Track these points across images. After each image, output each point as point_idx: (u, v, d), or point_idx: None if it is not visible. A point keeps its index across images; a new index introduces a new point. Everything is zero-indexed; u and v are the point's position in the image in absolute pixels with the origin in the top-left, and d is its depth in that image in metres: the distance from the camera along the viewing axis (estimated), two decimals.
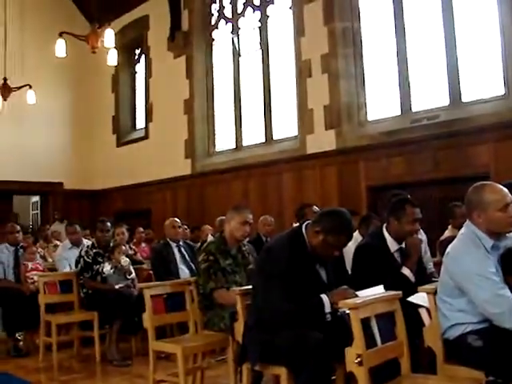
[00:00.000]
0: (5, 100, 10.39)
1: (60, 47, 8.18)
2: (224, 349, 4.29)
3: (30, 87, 10.49)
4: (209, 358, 4.76)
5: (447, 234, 6.10)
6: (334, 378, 3.33)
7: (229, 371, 4.19)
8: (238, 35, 11.15)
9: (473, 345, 2.99)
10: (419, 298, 3.34)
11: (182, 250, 6.88)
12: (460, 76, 7.95)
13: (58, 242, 9.30)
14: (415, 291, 3.37)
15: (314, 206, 6.29)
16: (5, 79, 10.30)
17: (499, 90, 7.54)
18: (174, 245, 6.83)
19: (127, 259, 6.22)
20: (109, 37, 7.84)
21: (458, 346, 3.07)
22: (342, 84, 8.93)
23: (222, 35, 11.53)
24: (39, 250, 7.84)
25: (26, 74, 11.16)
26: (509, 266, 3.07)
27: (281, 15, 10.33)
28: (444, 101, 8.07)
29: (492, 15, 7.67)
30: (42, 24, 12.59)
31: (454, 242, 3.24)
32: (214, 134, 11.54)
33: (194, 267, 6.41)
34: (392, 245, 4.05)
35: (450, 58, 8.00)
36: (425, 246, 4.70)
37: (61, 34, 8.16)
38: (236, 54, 11.13)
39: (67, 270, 6.51)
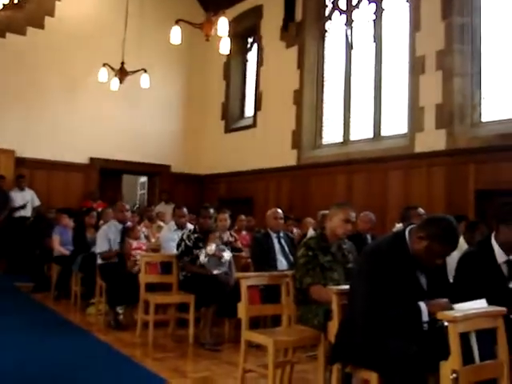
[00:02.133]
0: (121, 83, 10.81)
1: (175, 34, 8.37)
2: (315, 345, 4.26)
3: (145, 71, 10.84)
4: (299, 353, 4.76)
5: None
6: None
7: (318, 368, 4.18)
8: (351, 27, 10.99)
9: None
10: None
11: (282, 241, 6.90)
12: None
13: (161, 223, 9.57)
14: None
15: (420, 209, 6.12)
16: (122, 63, 10.70)
17: None
18: (274, 235, 6.86)
19: (213, 247, 6.24)
20: (223, 25, 7.93)
21: None
22: (457, 82, 8.61)
23: (335, 27, 11.41)
24: (143, 229, 8.09)
25: (142, 58, 11.52)
26: None
27: (397, 8, 10.08)
28: None
29: None
30: (160, 11, 12.96)
31: None
32: (321, 127, 11.48)
33: (292, 259, 6.42)
34: (500, 255, 3.86)
35: None
36: None
37: (177, 22, 8.34)
38: (348, 47, 10.98)
39: (174, 251, 6.67)
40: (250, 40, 13.76)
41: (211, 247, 6.23)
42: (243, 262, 7.05)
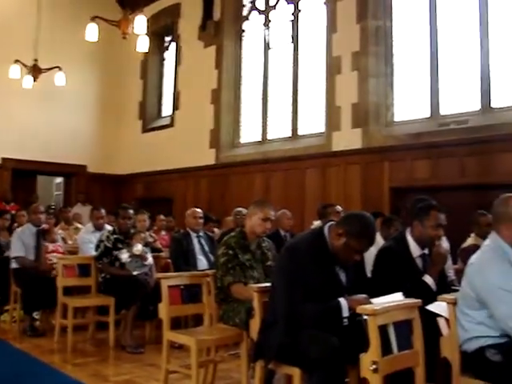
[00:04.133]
0: (35, 80, 10.48)
1: (91, 31, 8.19)
2: (237, 343, 4.28)
3: (60, 69, 10.55)
4: (222, 352, 4.77)
5: (469, 241, 6.02)
6: (347, 381, 3.31)
7: (241, 366, 4.20)
8: (269, 28, 11.09)
9: (491, 359, 2.95)
10: (438, 307, 3.30)
11: (202, 240, 6.89)
12: (491, 82, 7.82)
13: (78, 225, 9.36)
14: (435, 299, 3.34)
15: (337, 206, 6.26)
16: (35, 60, 10.37)
17: None
18: (193, 235, 6.84)
19: (139, 248, 6.19)
20: (140, 23, 7.82)
21: (475, 359, 3.03)
22: (372, 83, 8.85)
23: (253, 27, 11.48)
24: (59, 231, 7.88)
25: (56, 56, 11.20)
26: None
27: (314, 10, 10.24)
28: (474, 106, 7.95)
29: None
30: (74, 7, 12.57)
31: (477, 253, 3.19)
32: (239, 126, 11.52)
33: (212, 259, 6.42)
34: (415, 250, 4.00)
35: (483, 63, 7.86)
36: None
37: (93, 19, 8.17)
38: (266, 47, 11.08)
39: (92, 253, 6.53)
40: (168, 39, 13.62)
41: (137, 247, 6.15)
42: (163, 263, 6.99)
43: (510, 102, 7.64)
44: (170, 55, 13.53)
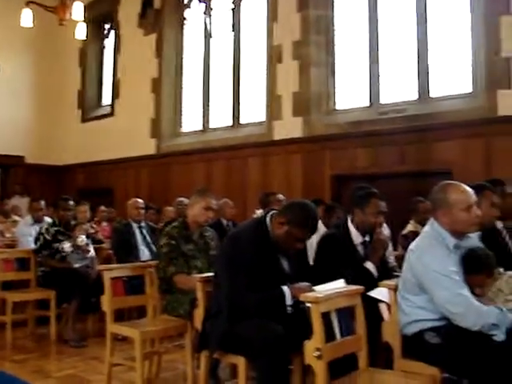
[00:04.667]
0: None
1: (26, 17, 7.97)
2: (182, 334, 4.27)
3: None
4: (166, 343, 4.75)
5: (409, 228, 6.16)
6: (291, 368, 3.34)
7: (186, 357, 4.19)
8: (210, 16, 11.01)
9: (430, 342, 3.03)
10: (380, 292, 3.37)
11: (144, 231, 6.84)
12: (429, 71, 8.00)
13: (17, 218, 9.12)
14: (376, 286, 3.40)
15: (279, 195, 6.29)
16: None
17: (467, 87, 7.62)
18: (135, 225, 6.79)
19: (84, 238, 6.10)
20: (78, 9, 7.67)
21: (415, 342, 3.10)
22: (313, 72, 8.90)
23: (194, 15, 11.36)
24: None
25: None
26: (469, 266, 3.11)
27: None
28: (412, 95, 8.12)
29: (463, 13, 7.73)
30: None
31: (417, 239, 3.27)
32: (180, 115, 11.42)
33: (154, 249, 6.37)
34: (356, 237, 4.07)
35: (421, 53, 8.03)
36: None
37: (28, 4, 7.94)
38: (207, 35, 11.00)
39: (32, 246, 6.37)
40: (107, 26, 13.32)
41: (81, 238, 6.04)
42: (105, 254, 6.89)
43: (447, 92, 7.83)
44: (109, 43, 13.26)
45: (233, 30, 10.48)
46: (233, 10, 10.54)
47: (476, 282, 3.09)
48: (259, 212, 6.32)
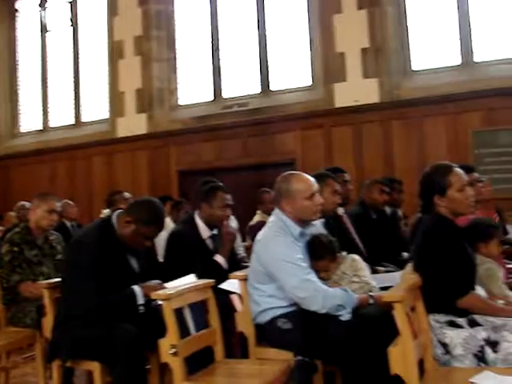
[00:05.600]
0: None
1: None
2: (31, 345, 4.05)
3: None
4: (15, 357, 4.48)
5: (256, 219, 6.27)
6: (148, 368, 3.29)
7: (37, 369, 3.98)
8: (45, 9, 10.50)
9: (282, 328, 3.10)
10: (231, 284, 3.40)
11: None
12: (269, 65, 8.24)
13: None
14: (227, 278, 3.43)
15: (125, 193, 6.16)
16: None
17: (307, 81, 7.96)
18: None
19: None
20: None
21: (268, 329, 3.17)
22: (155, 67, 8.83)
23: (27, 7, 10.77)
24: None
25: None
26: (314, 252, 3.22)
27: None
28: (254, 89, 8.31)
29: (301, 12, 8.07)
30: None
31: (263, 229, 3.33)
32: (18, 114, 10.81)
33: None
34: (204, 231, 4.07)
35: (262, 47, 8.25)
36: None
37: None
38: (43, 29, 10.49)
39: None
40: None
41: None
42: None
43: (287, 85, 8.11)
44: None
45: (71, 25, 10.10)
46: (70, 3, 10.16)
47: (321, 267, 3.22)
48: (106, 212, 6.15)
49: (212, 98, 8.66)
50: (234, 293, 3.37)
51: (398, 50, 7.68)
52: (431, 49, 7.67)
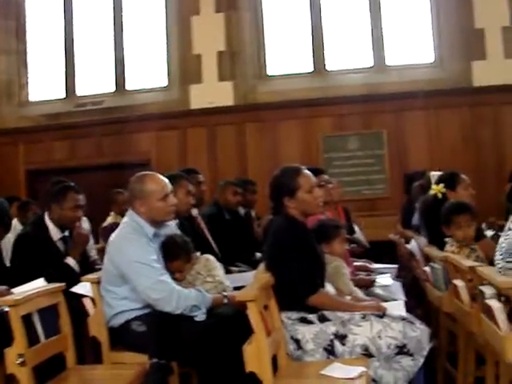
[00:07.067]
0: None
1: None
2: None
3: None
4: None
5: (110, 220, 6.16)
6: None
7: None
8: None
9: (136, 330, 3.07)
10: (83, 287, 3.31)
11: None
12: (125, 64, 8.17)
13: None
14: (79, 281, 3.34)
15: None
16: None
17: (163, 81, 7.99)
18: None
19: None
20: None
21: (123, 332, 3.12)
22: (3, 60, 8.37)
23: None
24: None
25: None
26: (168, 253, 3.22)
27: None
28: (109, 87, 8.16)
29: (159, 12, 8.06)
30: None
31: (117, 230, 3.28)
32: None
33: None
34: (55, 233, 3.93)
35: (118, 46, 8.16)
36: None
37: None
38: None
39: None
40: None
41: None
42: None
43: (143, 85, 8.05)
44: None
45: None
46: None
47: (176, 268, 3.22)
48: None
49: (64, 96, 8.37)
50: (86, 296, 3.28)
51: (253, 55, 7.89)
52: (286, 55, 7.97)
